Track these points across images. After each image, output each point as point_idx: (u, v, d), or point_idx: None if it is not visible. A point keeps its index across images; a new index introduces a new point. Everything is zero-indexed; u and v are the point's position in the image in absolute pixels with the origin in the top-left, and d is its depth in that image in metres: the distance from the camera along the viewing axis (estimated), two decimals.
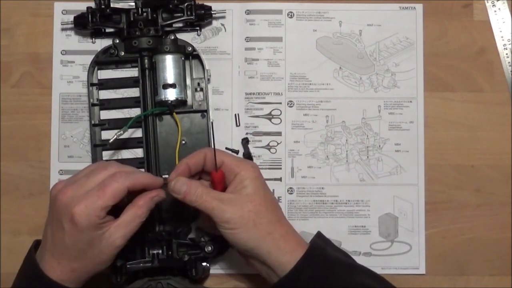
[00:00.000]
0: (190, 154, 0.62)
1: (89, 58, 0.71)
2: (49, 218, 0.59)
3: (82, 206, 0.56)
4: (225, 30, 0.73)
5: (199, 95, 0.71)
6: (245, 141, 0.72)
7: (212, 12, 0.71)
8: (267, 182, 0.71)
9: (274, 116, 0.72)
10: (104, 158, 0.71)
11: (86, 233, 0.56)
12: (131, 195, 0.59)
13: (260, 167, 0.71)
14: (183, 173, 0.61)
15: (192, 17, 0.70)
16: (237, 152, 0.72)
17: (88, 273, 0.59)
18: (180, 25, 0.72)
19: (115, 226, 0.57)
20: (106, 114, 0.71)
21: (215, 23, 0.73)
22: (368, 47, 0.73)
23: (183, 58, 0.70)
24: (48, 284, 0.57)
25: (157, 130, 0.70)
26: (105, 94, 0.71)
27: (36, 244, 0.61)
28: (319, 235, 0.63)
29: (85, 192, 0.57)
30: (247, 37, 0.73)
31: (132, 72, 0.71)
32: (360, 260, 0.70)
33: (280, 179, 0.72)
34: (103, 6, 0.68)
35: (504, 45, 0.73)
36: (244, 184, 0.60)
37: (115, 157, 0.71)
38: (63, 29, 0.72)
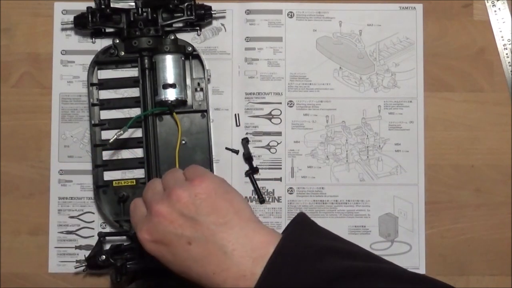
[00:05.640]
0: None
1: (89, 58, 0.71)
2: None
3: None
4: (225, 30, 0.73)
5: (199, 95, 0.71)
6: (245, 141, 0.72)
7: (212, 12, 0.71)
8: (267, 182, 0.71)
9: (274, 116, 0.72)
10: (104, 158, 0.71)
11: None
12: None
13: (260, 167, 0.72)
14: None
15: (192, 17, 0.70)
16: (237, 152, 0.72)
17: None
18: (180, 25, 0.72)
19: None
20: (106, 114, 0.71)
21: (215, 23, 0.73)
22: (368, 47, 0.73)
23: (183, 58, 0.70)
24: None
25: (157, 130, 0.70)
26: (105, 94, 0.71)
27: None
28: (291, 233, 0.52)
29: None
30: (247, 37, 0.73)
31: (132, 72, 0.71)
32: None
33: (280, 179, 0.72)
34: (103, 6, 0.68)
35: (504, 45, 0.73)
36: None
37: (115, 157, 0.71)
38: (63, 29, 0.72)
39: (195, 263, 0.51)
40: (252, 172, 0.71)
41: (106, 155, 0.71)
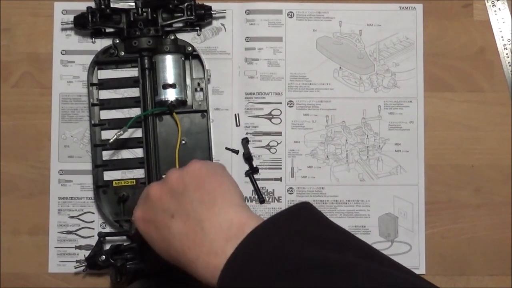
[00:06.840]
0: None
1: (89, 58, 0.71)
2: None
3: None
4: (225, 30, 0.73)
5: (199, 95, 0.71)
6: (245, 141, 0.72)
7: (212, 12, 0.71)
8: (267, 182, 0.71)
9: (274, 116, 0.72)
10: (104, 158, 0.71)
11: None
12: None
13: (260, 167, 0.72)
14: None
15: (192, 17, 0.70)
16: (237, 152, 0.72)
17: None
18: (180, 25, 0.72)
19: None
20: (106, 114, 0.71)
21: (215, 23, 0.73)
22: (368, 47, 0.73)
23: (183, 58, 0.70)
24: None
25: (157, 130, 0.70)
26: (105, 94, 0.71)
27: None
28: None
29: None
30: (247, 37, 0.73)
31: (132, 72, 0.71)
32: None
33: (280, 179, 0.72)
34: (103, 6, 0.68)
35: (504, 45, 0.73)
36: None
37: (115, 157, 0.71)
38: (63, 29, 0.72)
39: (175, 238, 0.51)
40: (252, 172, 0.71)
41: (106, 155, 0.71)
